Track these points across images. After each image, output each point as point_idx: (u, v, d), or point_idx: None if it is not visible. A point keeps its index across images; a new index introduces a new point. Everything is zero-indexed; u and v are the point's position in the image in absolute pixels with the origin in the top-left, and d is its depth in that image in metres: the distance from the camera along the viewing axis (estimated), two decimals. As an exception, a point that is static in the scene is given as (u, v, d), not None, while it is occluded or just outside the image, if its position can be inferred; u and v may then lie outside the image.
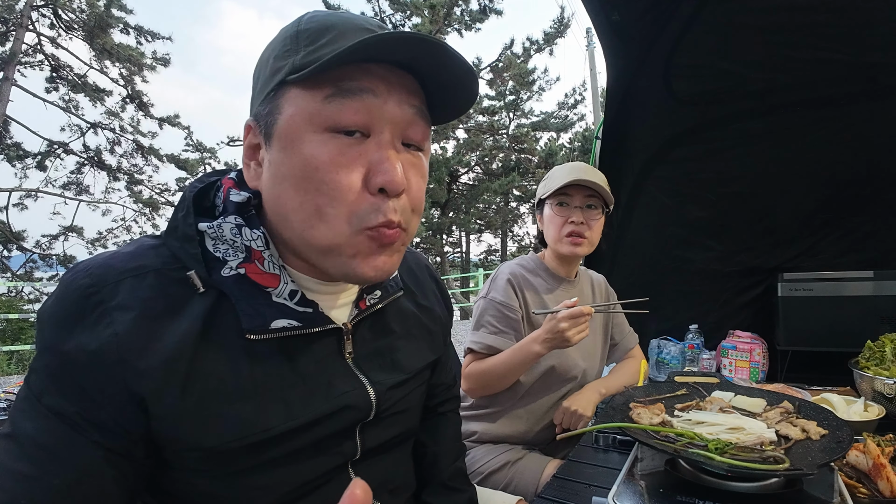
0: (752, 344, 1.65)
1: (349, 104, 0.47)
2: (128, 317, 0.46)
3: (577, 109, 16.48)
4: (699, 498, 0.67)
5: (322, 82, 0.47)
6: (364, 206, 0.49)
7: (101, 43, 11.70)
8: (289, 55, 0.49)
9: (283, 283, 0.53)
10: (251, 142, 0.53)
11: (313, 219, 0.49)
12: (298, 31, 0.50)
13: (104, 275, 0.48)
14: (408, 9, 13.89)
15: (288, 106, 0.49)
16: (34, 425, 0.45)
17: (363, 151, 0.49)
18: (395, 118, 0.50)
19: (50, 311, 0.47)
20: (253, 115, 0.53)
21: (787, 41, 1.54)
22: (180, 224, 0.52)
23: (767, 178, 1.88)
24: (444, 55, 0.48)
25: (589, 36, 12.40)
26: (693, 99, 1.81)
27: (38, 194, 12.08)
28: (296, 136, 0.48)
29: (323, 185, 0.47)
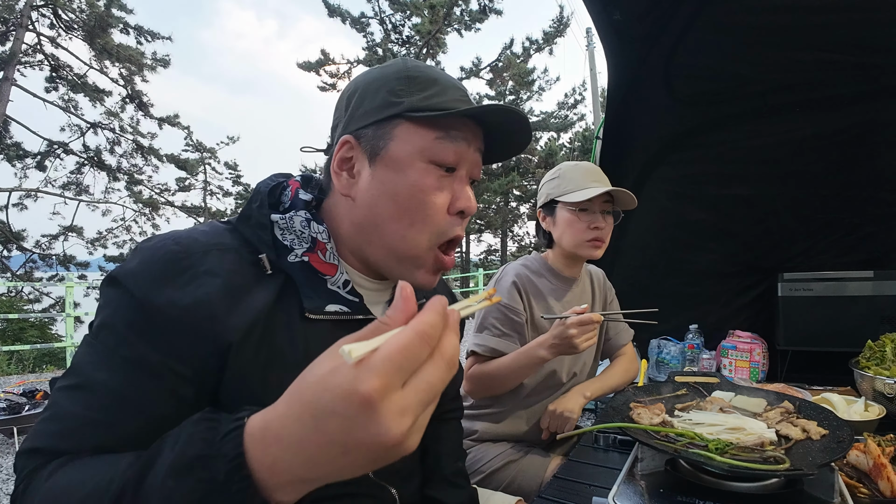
0: (752, 344, 1.65)
1: (451, 147, 0.61)
2: (216, 282, 0.54)
3: (577, 109, 16.50)
4: (699, 498, 0.67)
5: (435, 126, 0.61)
6: (444, 224, 0.62)
7: (101, 43, 11.70)
8: (403, 94, 0.61)
9: (339, 273, 0.63)
10: (345, 154, 0.63)
11: (406, 229, 0.61)
12: (410, 77, 0.62)
13: (191, 245, 0.55)
14: (408, 9, 13.89)
15: (400, 136, 0.61)
16: (110, 375, 0.49)
17: (451, 183, 0.63)
18: (471, 161, 0.65)
19: (135, 270, 0.53)
20: (352, 133, 0.62)
21: (787, 42, 1.54)
22: (254, 213, 0.61)
23: (768, 178, 1.88)
24: (519, 122, 0.64)
25: (589, 36, 12.40)
26: (694, 99, 1.81)
27: (38, 194, 12.08)
28: (406, 162, 0.60)
29: (422, 205, 0.60)
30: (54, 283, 12.07)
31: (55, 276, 12.48)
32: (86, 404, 0.49)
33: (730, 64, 1.67)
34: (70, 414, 0.48)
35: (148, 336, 0.51)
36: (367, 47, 14.49)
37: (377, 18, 14.37)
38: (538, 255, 1.41)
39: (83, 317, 6.81)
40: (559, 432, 1.22)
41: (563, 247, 1.32)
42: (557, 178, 1.31)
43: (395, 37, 14.68)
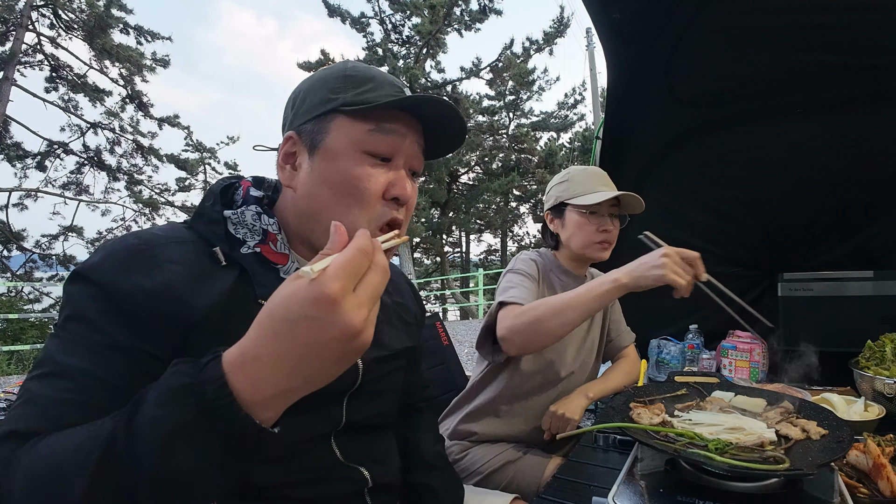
0: (752, 344, 1.65)
1: (384, 139, 0.65)
2: (177, 269, 0.57)
3: (577, 109, 16.50)
4: (699, 498, 0.67)
5: (367, 119, 0.65)
6: (379, 208, 0.66)
7: (101, 43, 11.70)
8: (339, 91, 0.66)
9: (290, 262, 0.67)
10: (289, 150, 0.68)
11: (342, 215, 0.64)
12: (346, 75, 0.67)
13: (151, 238, 0.60)
14: (408, 9, 13.89)
15: (336, 129, 0.65)
16: (82, 360, 0.52)
17: (386, 171, 0.66)
18: (408, 153, 0.68)
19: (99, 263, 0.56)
20: (295, 129, 0.67)
21: (787, 42, 1.54)
22: (207, 210, 0.66)
23: (767, 178, 1.88)
24: (449, 114, 0.67)
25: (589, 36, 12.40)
26: (693, 100, 1.81)
27: (38, 194, 12.08)
28: (341, 152, 0.65)
29: (355, 190, 0.64)
30: (54, 283, 12.07)
31: (55, 276, 12.48)
32: (60, 387, 0.50)
33: (730, 64, 1.67)
34: (44, 397, 0.50)
35: (117, 319, 0.53)
36: (367, 47, 14.49)
37: (377, 18, 14.38)
38: (548, 251, 1.42)
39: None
40: (560, 433, 1.22)
41: (572, 248, 1.34)
42: (567, 181, 1.33)
43: (395, 37, 14.68)
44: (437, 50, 14.62)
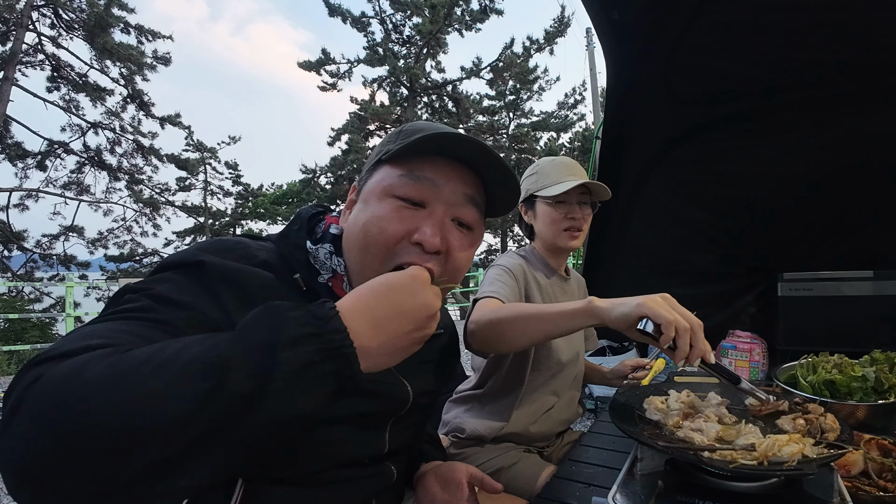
0: (752, 344, 1.65)
1: (413, 185, 0.66)
2: (270, 272, 0.62)
3: (577, 109, 16.48)
4: (699, 498, 0.67)
5: (402, 165, 0.67)
6: (395, 249, 0.65)
7: (102, 42, 11.70)
8: (389, 144, 0.69)
9: None
10: (351, 198, 0.72)
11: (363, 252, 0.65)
12: (402, 130, 0.71)
13: (244, 242, 0.65)
14: (408, 8, 13.89)
15: (376, 175, 0.69)
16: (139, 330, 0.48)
17: (415, 216, 0.66)
18: (448, 200, 0.67)
19: (197, 247, 0.61)
20: (357, 181, 0.73)
21: (787, 41, 1.54)
22: (293, 234, 0.70)
23: (767, 178, 1.87)
24: (487, 153, 0.66)
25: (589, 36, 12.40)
26: (693, 99, 1.81)
27: (39, 194, 12.09)
28: (373, 195, 0.67)
29: (376, 230, 0.65)
30: (55, 283, 12.08)
31: (56, 276, 12.49)
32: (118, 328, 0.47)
33: (729, 64, 1.67)
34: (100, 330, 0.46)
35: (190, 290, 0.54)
36: (368, 47, 14.49)
37: (378, 18, 14.38)
38: (532, 248, 1.44)
39: (84, 317, 6.81)
40: None
41: (544, 238, 1.37)
42: (536, 173, 1.36)
43: (396, 36, 14.68)
44: (438, 50, 14.62)
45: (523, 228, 1.45)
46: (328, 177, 15.75)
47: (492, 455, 1.25)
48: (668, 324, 0.75)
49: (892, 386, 1.03)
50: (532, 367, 1.29)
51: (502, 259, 1.34)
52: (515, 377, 1.29)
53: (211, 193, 15.90)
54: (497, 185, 0.71)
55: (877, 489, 0.74)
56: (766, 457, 0.66)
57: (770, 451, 0.67)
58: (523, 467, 1.22)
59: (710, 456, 0.68)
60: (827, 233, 1.86)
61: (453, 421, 1.36)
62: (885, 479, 0.75)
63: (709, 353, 0.78)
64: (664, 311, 0.77)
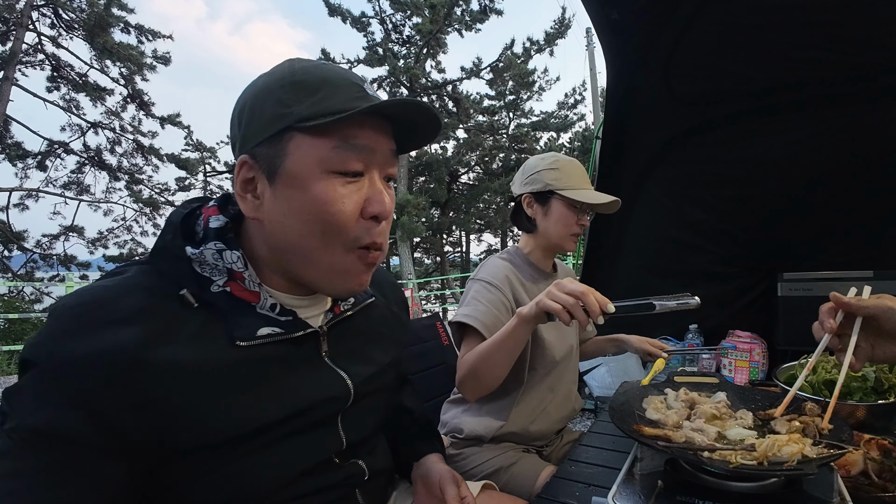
0: (752, 344, 1.65)
1: (353, 155, 0.58)
2: (132, 329, 0.51)
3: (577, 109, 16.46)
4: (699, 498, 0.67)
5: (329, 133, 0.57)
6: (356, 230, 0.60)
7: (102, 42, 11.70)
8: (290, 104, 0.56)
9: (263, 298, 0.62)
10: (246, 176, 0.59)
11: (319, 244, 0.59)
12: (295, 83, 0.58)
13: (101, 294, 0.53)
14: (408, 8, 13.88)
15: (295, 149, 0.57)
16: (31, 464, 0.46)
17: (359, 188, 0.60)
18: (382, 162, 0.62)
19: (45, 337, 0.50)
20: (249, 153, 0.59)
21: (787, 41, 1.54)
22: (169, 245, 0.59)
23: (767, 178, 1.88)
24: (421, 111, 0.60)
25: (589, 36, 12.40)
26: (693, 99, 1.81)
27: (39, 194, 12.08)
28: (304, 175, 0.57)
29: (328, 216, 0.58)
30: (55, 284, 12.07)
31: (56, 277, 12.48)
32: None
33: (729, 63, 1.67)
34: None
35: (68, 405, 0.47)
36: (368, 47, 14.48)
37: (377, 18, 14.36)
38: (516, 247, 1.42)
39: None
40: None
41: (549, 236, 1.33)
42: (557, 169, 1.32)
43: (396, 36, 14.68)
44: (438, 50, 14.61)
45: (523, 221, 1.38)
46: (328, 177, 15.75)
47: (491, 455, 1.25)
48: (558, 312, 0.88)
49: (892, 386, 1.03)
50: (529, 366, 1.29)
51: (485, 270, 1.30)
52: (514, 377, 1.29)
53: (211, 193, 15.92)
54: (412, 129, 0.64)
55: (877, 489, 0.74)
56: (766, 457, 0.66)
57: (770, 451, 0.67)
58: (522, 467, 1.22)
59: (710, 456, 0.68)
60: (827, 233, 1.86)
61: (451, 421, 1.36)
62: (885, 479, 0.75)
63: (605, 306, 0.86)
64: (551, 301, 0.89)
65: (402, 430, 0.93)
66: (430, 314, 1.89)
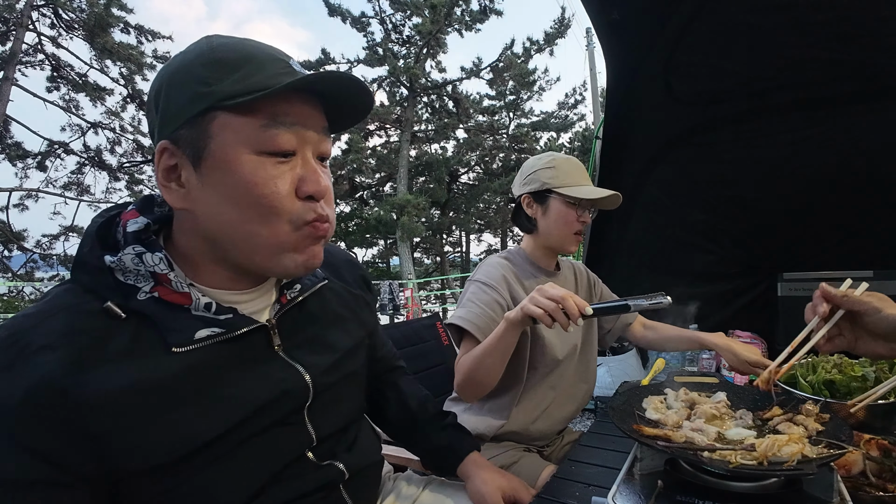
0: (752, 344, 1.64)
1: (283, 133, 0.55)
2: (55, 356, 0.48)
3: (577, 109, 16.48)
4: (699, 498, 0.67)
5: (256, 111, 0.53)
6: (297, 210, 0.57)
7: (102, 42, 11.70)
8: (211, 82, 0.53)
9: (195, 299, 0.57)
10: (167, 163, 0.56)
11: (257, 228, 0.56)
12: (216, 60, 0.54)
13: (19, 325, 0.50)
14: (408, 8, 13.88)
15: (220, 130, 0.53)
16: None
17: (292, 167, 0.57)
18: (314, 141, 0.59)
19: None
20: (168, 138, 0.55)
21: (786, 41, 1.54)
22: (87, 258, 0.56)
23: (767, 178, 1.88)
24: (351, 84, 0.58)
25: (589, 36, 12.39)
26: (693, 99, 1.81)
27: (39, 194, 12.07)
28: (231, 158, 0.54)
29: (262, 199, 0.54)
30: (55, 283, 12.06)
31: (56, 276, 12.48)
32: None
33: (729, 63, 1.67)
34: None
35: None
36: (368, 47, 14.48)
37: (377, 18, 14.36)
38: (517, 247, 1.41)
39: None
40: None
41: (551, 236, 1.32)
42: (554, 168, 1.31)
43: (396, 36, 14.67)
44: (438, 50, 14.61)
45: (523, 221, 1.38)
46: (328, 177, 15.75)
47: (492, 454, 1.25)
48: (540, 316, 0.91)
49: (892, 386, 1.03)
50: (529, 365, 1.29)
51: (482, 270, 1.30)
52: (514, 376, 1.29)
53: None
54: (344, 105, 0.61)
55: (877, 489, 0.74)
56: (765, 457, 0.66)
57: (770, 451, 0.67)
58: (523, 466, 1.22)
59: (710, 456, 0.68)
60: (827, 233, 1.86)
61: None
62: (885, 479, 0.75)
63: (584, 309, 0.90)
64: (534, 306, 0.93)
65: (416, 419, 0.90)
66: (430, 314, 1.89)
